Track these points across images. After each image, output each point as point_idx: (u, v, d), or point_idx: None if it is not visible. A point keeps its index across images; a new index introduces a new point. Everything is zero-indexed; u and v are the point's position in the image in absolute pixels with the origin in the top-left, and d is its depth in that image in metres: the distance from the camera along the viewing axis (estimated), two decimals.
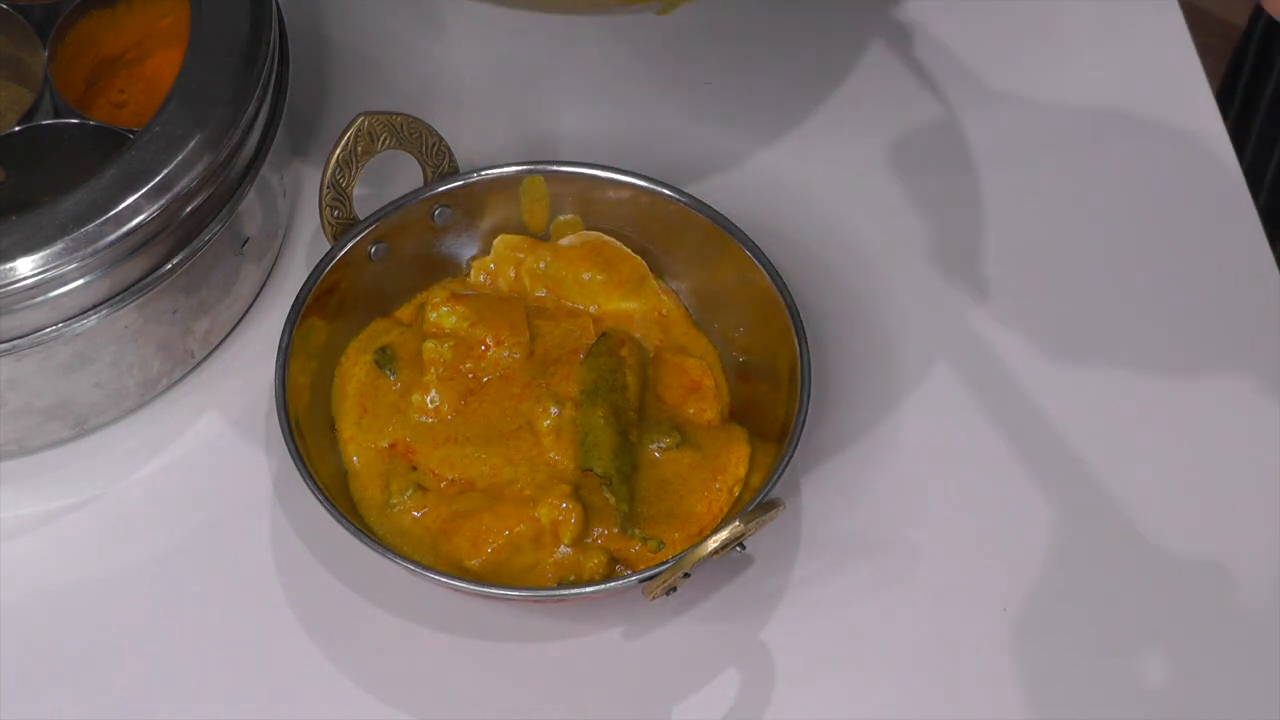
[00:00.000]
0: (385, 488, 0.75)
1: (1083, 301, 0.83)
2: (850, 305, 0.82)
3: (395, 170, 0.81)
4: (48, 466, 0.78)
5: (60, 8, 0.80)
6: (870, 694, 0.73)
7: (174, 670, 0.73)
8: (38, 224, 0.71)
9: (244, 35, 0.76)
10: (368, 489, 0.75)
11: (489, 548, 0.73)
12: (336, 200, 0.77)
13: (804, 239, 0.84)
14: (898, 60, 0.90)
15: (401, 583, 0.73)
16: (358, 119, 0.77)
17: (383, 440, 0.76)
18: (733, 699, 0.73)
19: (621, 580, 0.70)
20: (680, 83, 0.90)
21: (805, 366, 0.75)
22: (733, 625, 0.74)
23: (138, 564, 0.76)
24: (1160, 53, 0.90)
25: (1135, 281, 0.84)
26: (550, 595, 0.72)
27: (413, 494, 0.74)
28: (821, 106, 0.89)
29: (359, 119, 0.77)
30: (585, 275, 0.80)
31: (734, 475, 0.75)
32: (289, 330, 0.75)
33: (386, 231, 0.79)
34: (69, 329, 0.72)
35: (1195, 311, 0.83)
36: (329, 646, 0.74)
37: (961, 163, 0.87)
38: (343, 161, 0.77)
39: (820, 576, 0.75)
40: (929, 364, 0.81)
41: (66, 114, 0.78)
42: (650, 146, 0.86)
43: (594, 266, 0.80)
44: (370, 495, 0.75)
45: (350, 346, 0.78)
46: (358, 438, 0.76)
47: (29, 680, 0.73)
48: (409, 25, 0.91)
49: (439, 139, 0.79)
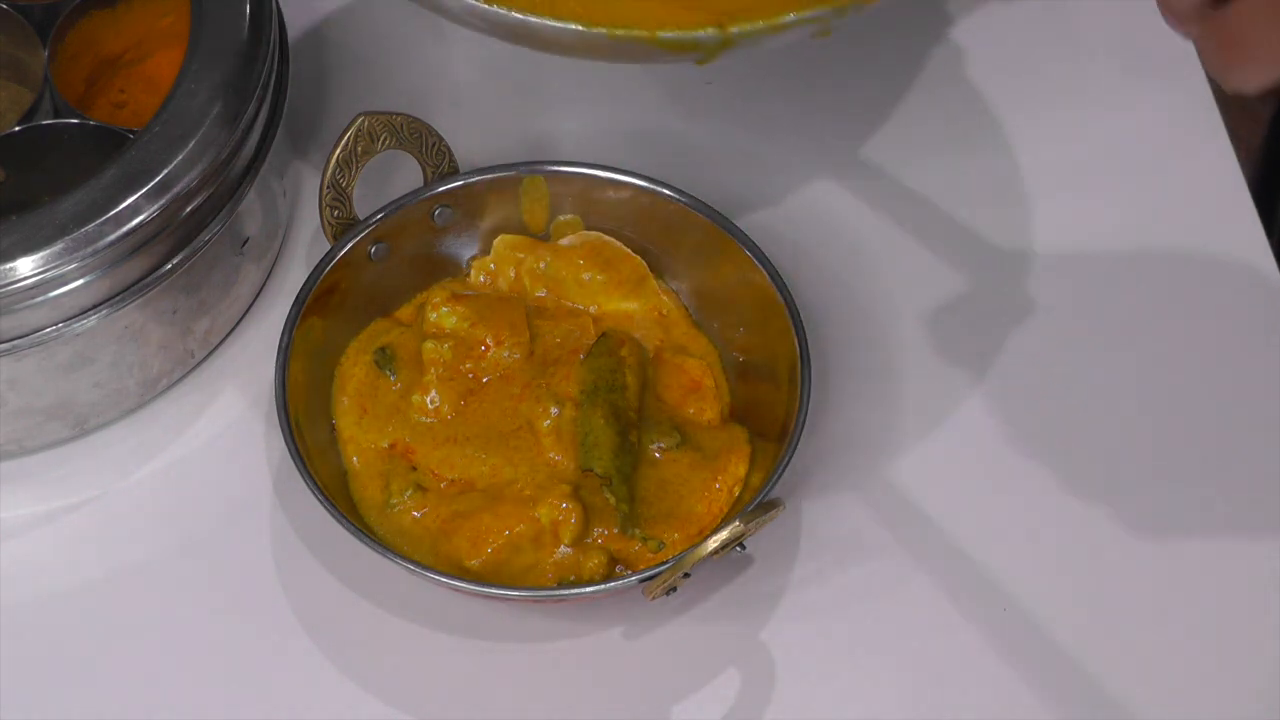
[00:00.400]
0: (385, 488, 0.75)
1: (1084, 302, 0.83)
2: (850, 305, 0.82)
3: (395, 170, 0.81)
4: (48, 466, 0.78)
5: (60, 8, 0.80)
6: (870, 694, 0.73)
7: (174, 670, 0.73)
8: (38, 224, 0.71)
9: (244, 35, 0.76)
10: (367, 489, 0.75)
11: (489, 548, 0.73)
12: (337, 200, 0.77)
13: (804, 239, 0.84)
14: (899, 60, 0.90)
15: (402, 583, 0.73)
16: (358, 119, 0.77)
17: (383, 440, 0.76)
18: (733, 699, 0.73)
19: (621, 580, 0.70)
20: (682, 83, 0.90)
21: (805, 366, 0.75)
22: (733, 625, 0.74)
23: (138, 564, 0.76)
24: (1162, 55, 0.90)
25: (1138, 282, 0.84)
26: (550, 595, 0.72)
27: (412, 494, 0.74)
28: (823, 107, 0.89)
29: (359, 119, 0.77)
30: (585, 275, 0.80)
31: (734, 475, 0.75)
32: (289, 330, 0.75)
33: (386, 231, 0.79)
34: (69, 329, 0.72)
35: (1197, 315, 0.83)
36: (329, 647, 0.74)
37: (963, 162, 0.87)
38: (343, 161, 0.77)
39: (820, 576, 0.75)
40: (929, 364, 0.81)
41: (66, 114, 0.78)
42: (651, 147, 0.86)
43: (594, 266, 0.80)
44: (370, 495, 0.75)
45: (350, 346, 0.78)
46: (357, 438, 0.76)
47: (29, 680, 0.73)
48: (409, 25, 0.91)
49: (439, 139, 0.79)
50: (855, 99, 0.89)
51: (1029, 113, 0.88)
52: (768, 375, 0.77)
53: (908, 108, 0.88)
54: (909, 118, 0.88)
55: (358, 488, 0.75)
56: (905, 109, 0.88)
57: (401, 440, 0.76)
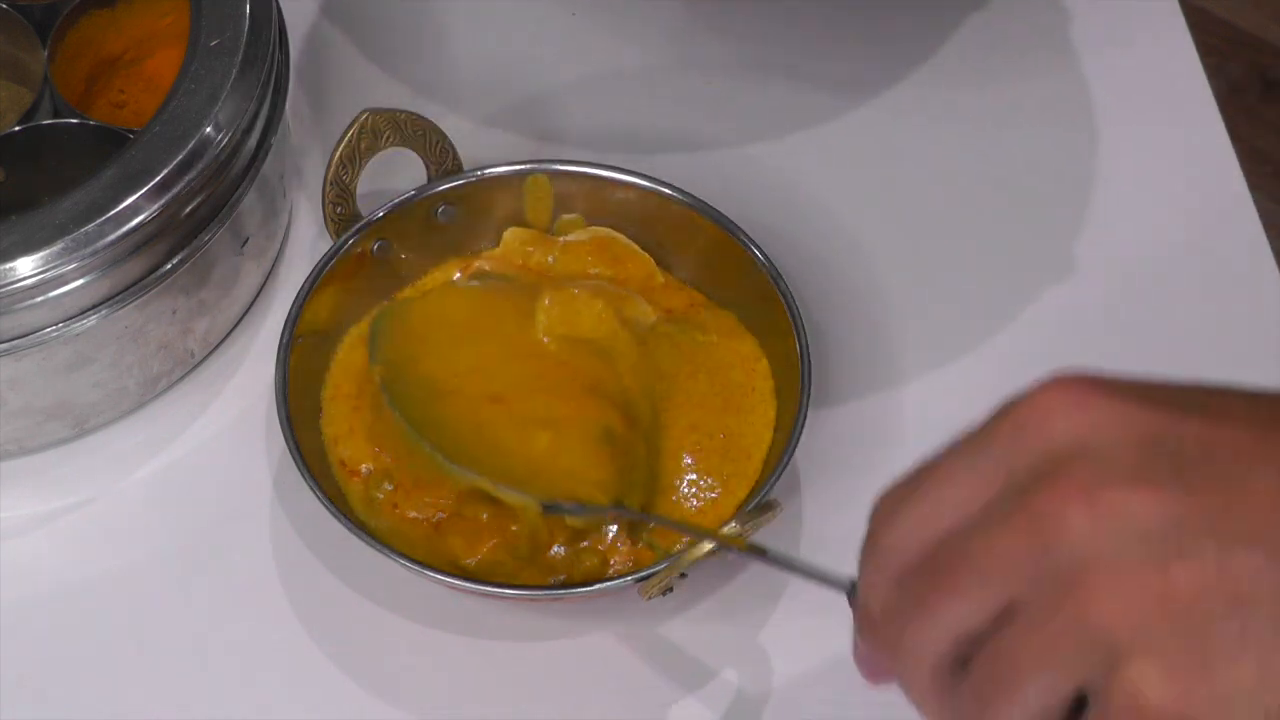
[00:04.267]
0: (365, 482, 0.74)
1: (1084, 301, 0.83)
2: (851, 305, 0.82)
3: (399, 168, 0.81)
4: (48, 466, 0.78)
5: (60, 8, 0.80)
6: (870, 696, 0.73)
7: (174, 670, 0.73)
8: (38, 224, 0.71)
9: (244, 35, 0.76)
10: (351, 483, 0.75)
11: (485, 546, 0.72)
12: (340, 197, 0.77)
13: (804, 239, 0.84)
14: (900, 60, 0.90)
15: (403, 582, 0.73)
16: (362, 115, 0.77)
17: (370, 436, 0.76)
18: (732, 698, 0.73)
19: (618, 580, 0.70)
20: (684, 83, 0.90)
21: (805, 366, 0.74)
22: (732, 625, 0.74)
23: (138, 564, 0.76)
24: (1162, 54, 0.90)
25: (1139, 282, 0.84)
26: (547, 594, 0.72)
27: (391, 489, 0.74)
28: (824, 106, 0.89)
29: (363, 115, 0.77)
30: (594, 271, 0.79)
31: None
32: (289, 330, 0.75)
33: (389, 228, 0.78)
34: (69, 329, 0.72)
35: (1198, 316, 0.82)
36: (330, 646, 0.74)
37: (964, 161, 0.87)
38: (346, 158, 0.77)
39: (794, 611, 0.75)
40: (930, 363, 0.81)
41: (66, 114, 0.78)
42: (653, 146, 0.86)
43: (602, 262, 0.80)
44: (354, 490, 0.75)
45: (350, 332, 0.78)
46: (345, 437, 0.76)
47: (29, 680, 0.73)
48: (410, 24, 0.91)
49: (443, 136, 0.79)
50: (859, 100, 0.89)
51: (1028, 113, 0.88)
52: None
53: (912, 112, 0.88)
54: (915, 122, 0.88)
55: (343, 477, 0.75)
56: (909, 113, 0.88)
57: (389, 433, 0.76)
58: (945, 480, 0.51)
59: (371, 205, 0.78)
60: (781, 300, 0.76)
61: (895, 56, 0.90)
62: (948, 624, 0.50)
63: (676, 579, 0.69)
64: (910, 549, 0.51)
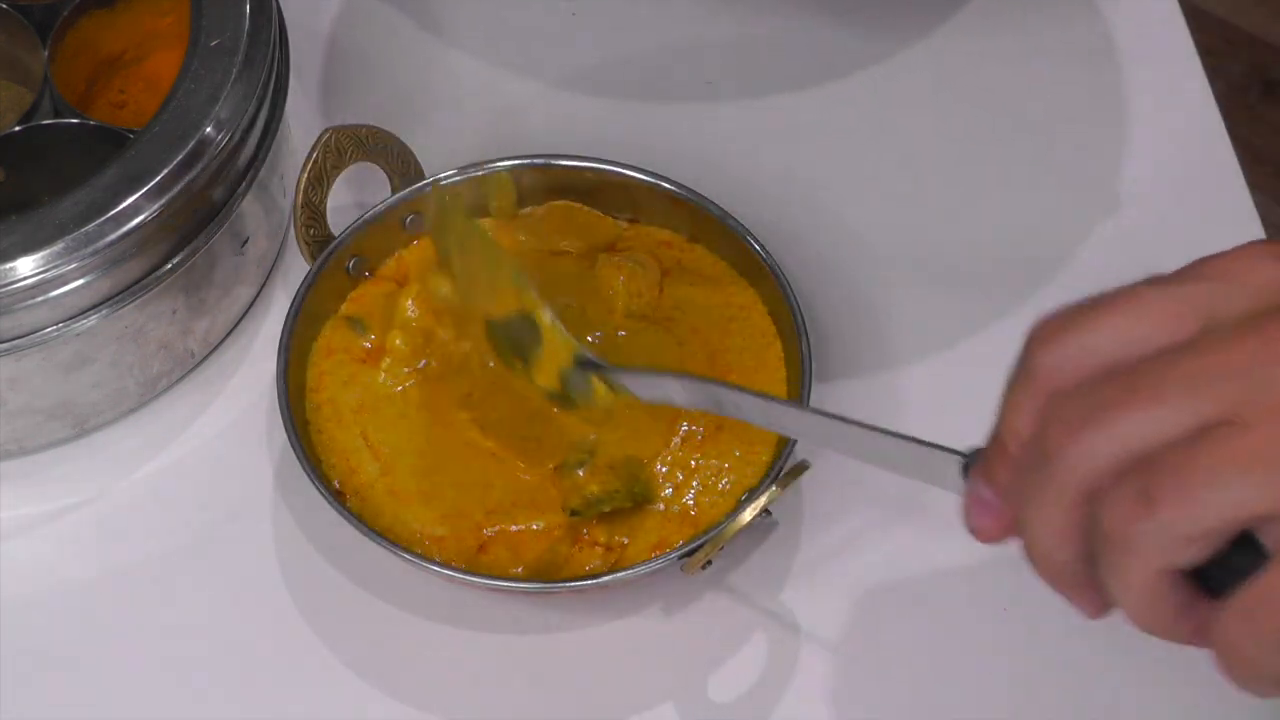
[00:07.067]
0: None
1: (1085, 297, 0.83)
2: (851, 304, 0.82)
3: (359, 182, 0.81)
4: (48, 466, 0.78)
5: (60, 8, 0.80)
6: (871, 697, 0.73)
7: (175, 669, 0.73)
8: (38, 224, 0.71)
9: (244, 35, 0.76)
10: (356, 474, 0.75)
11: (530, 555, 0.72)
12: (311, 219, 0.77)
13: (805, 238, 0.83)
14: (900, 60, 0.90)
15: (407, 578, 0.74)
16: (325, 134, 0.76)
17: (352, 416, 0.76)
18: (762, 667, 0.73)
19: (661, 559, 0.70)
20: (681, 81, 0.90)
21: (806, 365, 0.75)
22: (757, 594, 0.74)
23: (138, 564, 0.76)
24: (1162, 54, 0.90)
25: (1138, 279, 0.83)
26: (556, 587, 0.72)
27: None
28: (824, 106, 0.89)
29: (326, 134, 0.76)
30: (564, 244, 0.79)
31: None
32: (289, 330, 0.75)
33: (361, 245, 0.78)
34: (69, 329, 0.72)
35: None
36: (336, 643, 0.74)
37: (966, 161, 0.87)
38: (314, 179, 0.76)
39: (820, 578, 0.75)
40: (931, 363, 0.81)
41: (66, 114, 0.78)
42: (652, 144, 0.86)
43: (569, 234, 0.79)
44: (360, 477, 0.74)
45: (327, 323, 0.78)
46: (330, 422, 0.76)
47: (29, 680, 0.73)
48: (410, 24, 0.91)
49: (403, 146, 0.78)
50: (859, 99, 0.89)
51: (1028, 112, 0.89)
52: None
53: (913, 111, 0.89)
54: (916, 121, 0.88)
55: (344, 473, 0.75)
56: (910, 112, 0.89)
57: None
58: (1127, 311, 0.49)
59: (344, 221, 0.78)
60: (782, 300, 0.76)
61: (893, 41, 0.90)
62: (1126, 435, 0.47)
63: (717, 552, 0.70)
64: (1080, 370, 0.48)
